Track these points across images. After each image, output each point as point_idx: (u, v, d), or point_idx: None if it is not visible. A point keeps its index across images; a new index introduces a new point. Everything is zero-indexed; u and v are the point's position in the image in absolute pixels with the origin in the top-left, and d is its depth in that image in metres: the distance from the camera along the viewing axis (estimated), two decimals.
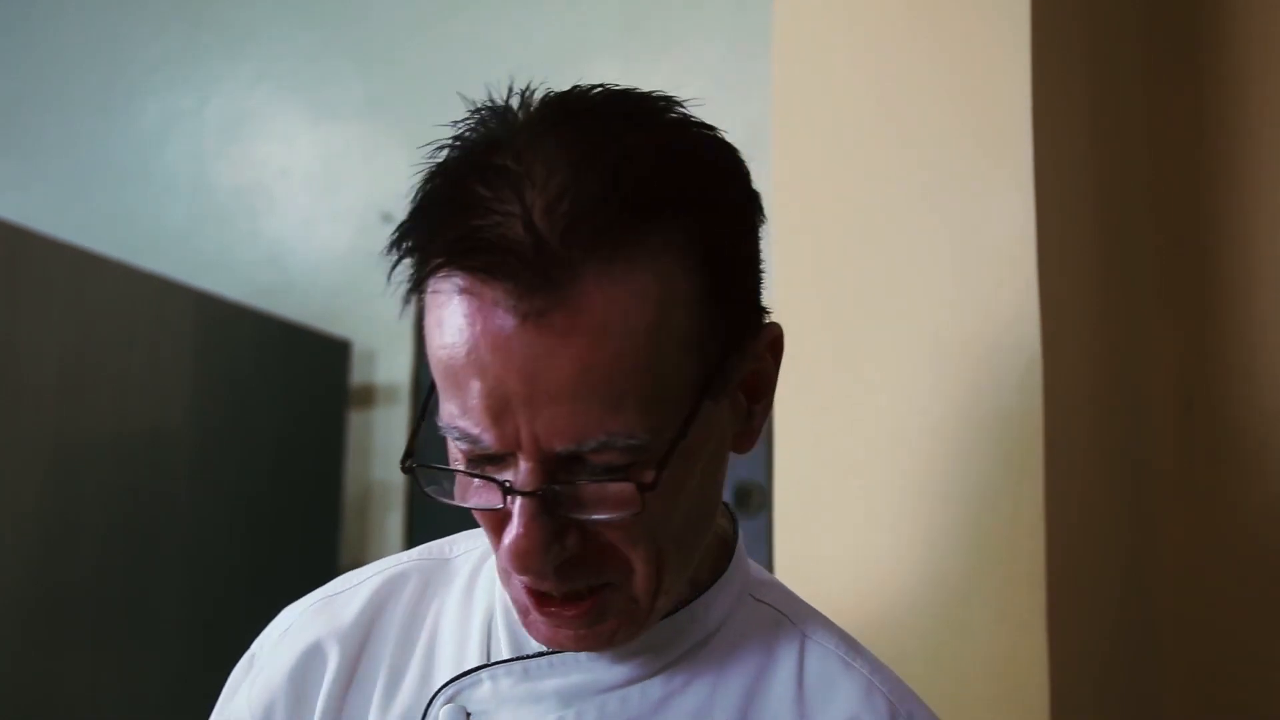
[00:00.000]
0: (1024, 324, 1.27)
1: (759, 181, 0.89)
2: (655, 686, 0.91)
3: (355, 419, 2.66)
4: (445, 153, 0.82)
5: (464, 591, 0.98)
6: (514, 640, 0.93)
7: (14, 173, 3.00)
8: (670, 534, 0.83)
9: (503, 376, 0.77)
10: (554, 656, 0.91)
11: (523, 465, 0.79)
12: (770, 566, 2.24)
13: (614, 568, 0.83)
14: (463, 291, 0.77)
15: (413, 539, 2.57)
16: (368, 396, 2.66)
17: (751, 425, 0.88)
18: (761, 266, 0.87)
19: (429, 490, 0.86)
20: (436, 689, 0.92)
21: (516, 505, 0.80)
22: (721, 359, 0.81)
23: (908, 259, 1.33)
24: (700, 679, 0.91)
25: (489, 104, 0.82)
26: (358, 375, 2.67)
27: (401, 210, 2.68)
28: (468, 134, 0.82)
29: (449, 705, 0.92)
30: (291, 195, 2.79)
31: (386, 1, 2.81)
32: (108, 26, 3.05)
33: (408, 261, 0.80)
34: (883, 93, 1.38)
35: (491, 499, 0.81)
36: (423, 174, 0.82)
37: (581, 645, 0.87)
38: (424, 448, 0.85)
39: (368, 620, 0.97)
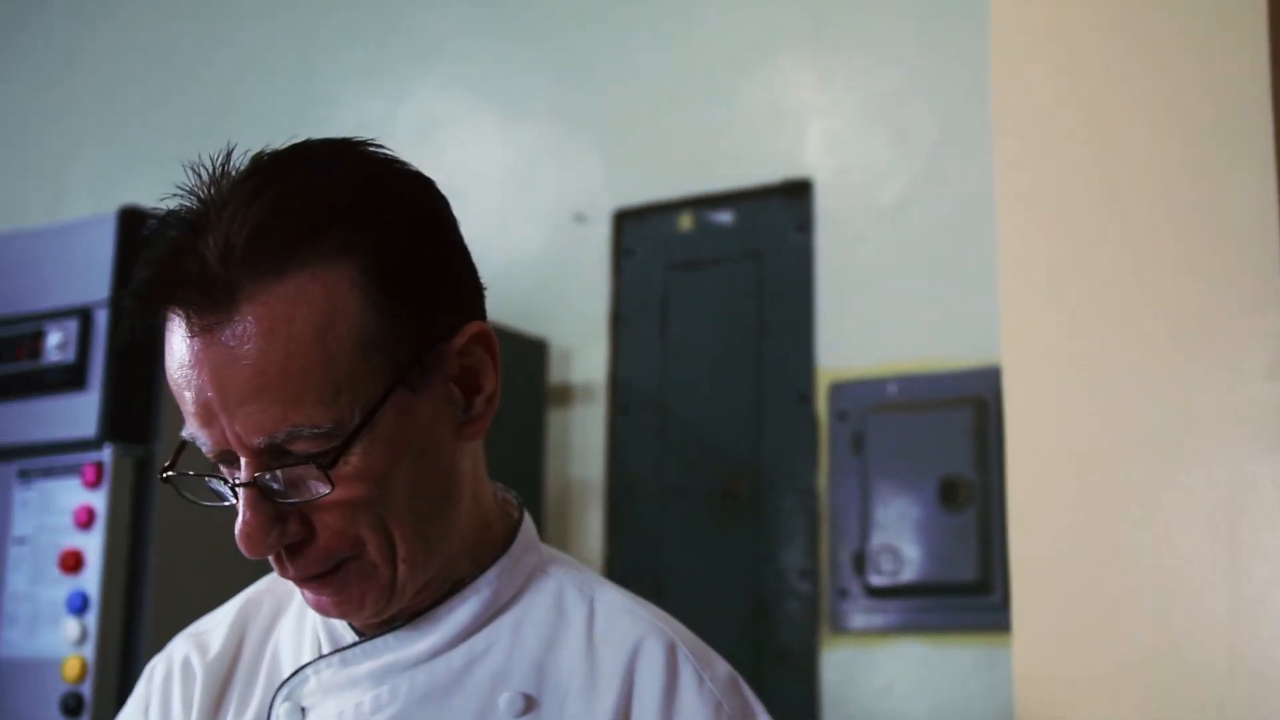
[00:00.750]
0: (1267, 312, 1.21)
1: (972, 179, 0.87)
2: (458, 655, 1.04)
3: (553, 418, 2.67)
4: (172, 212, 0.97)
5: (299, 608, 1.12)
6: (333, 638, 1.08)
7: None
8: (394, 515, 0.98)
9: (201, 387, 0.93)
10: (367, 644, 1.05)
11: (242, 461, 0.95)
12: (998, 562, 2.18)
13: (344, 546, 0.98)
14: (172, 322, 0.95)
15: (613, 536, 2.58)
16: (565, 395, 2.68)
17: (473, 415, 1.03)
18: (453, 275, 1.01)
19: (189, 497, 1.01)
20: (274, 692, 1.07)
21: (240, 496, 0.95)
22: (412, 357, 0.96)
23: (1146, 248, 1.28)
24: (499, 644, 1.05)
25: (206, 170, 0.97)
26: (554, 374, 2.68)
27: (594, 209, 2.68)
28: (187, 198, 0.97)
29: (286, 703, 1.06)
30: (484, 198, 2.82)
31: (575, 5, 2.82)
32: (301, 39, 3.12)
33: (136, 307, 0.96)
34: (1109, 81, 1.33)
35: (229, 496, 0.97)
36: (150, 229, 0.98)
37: (341, 611, 1.02)
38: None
39: (235, 637, 1.13)
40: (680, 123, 2.66)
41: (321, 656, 1.06)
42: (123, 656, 1.96)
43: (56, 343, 2.01)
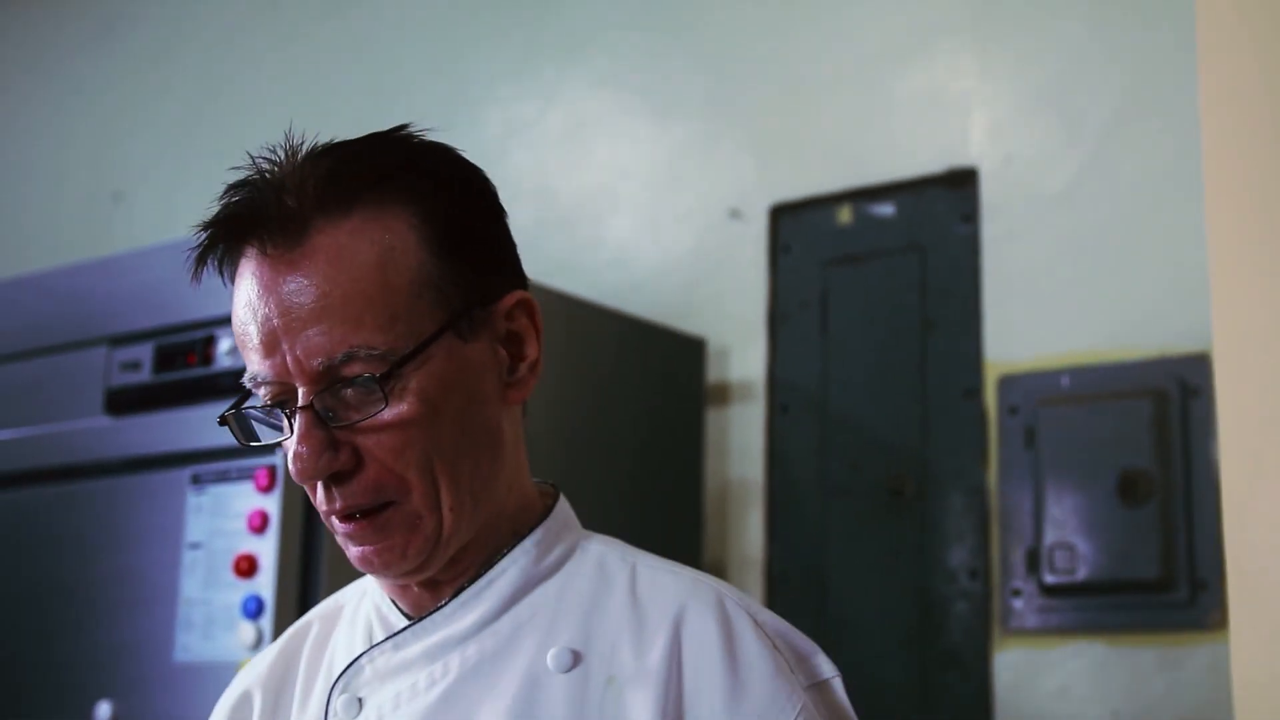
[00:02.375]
0: None
1: (1145, 163, 0.82)
2: (505, 624, 1.08)
3: (711, 417, 2.64)
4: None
5: (351, 614, 1.17)
6: (386, 627, 1.12)
7: None
8: (440, 453, 1.03)
9: (268, 315, 1.01)
10: (416, 625, 1.08)
11: (299, 391, 1.01)
12: (1183, 559, 2.11)
13: (391, 485, 1.03)
14: (242, 260, 1.04)
15: (774, 535, 2.54)
16: (723, 394, 2.64)
17: (516, 378, 1.10)
18: (504, 247, 1.11)
19: (249, 442, 1.08)
20: (330, 686, 1.10)
21: (295, 422, 1.01)
22: (465, 306, 1.05)
23: None
24: (543, 609, 1.09)
25: (271, 150, 1.07)
26: (712, 373, 2.65)
27: (749, 205, 2.64)
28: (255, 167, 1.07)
29: (344, 695, 1.09)
30: (635, 196, 2.80)
31: (725, 1, 2.79)
32: (449, 42, 3.13)
33: (213, 251, 1.05)
34: None
35: (286, 429, 1.03)
36: (222, 194, 1.06)
37: (384, 560, 1.05)
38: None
39: (283, 661, 1.18)
40: (837, 114, 2.62)
41: (375, 645, 1.10)
42: None
43: (227, 349, 2.03)
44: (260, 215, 1.03)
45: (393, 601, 1.13)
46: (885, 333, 2.50)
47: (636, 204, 2.79)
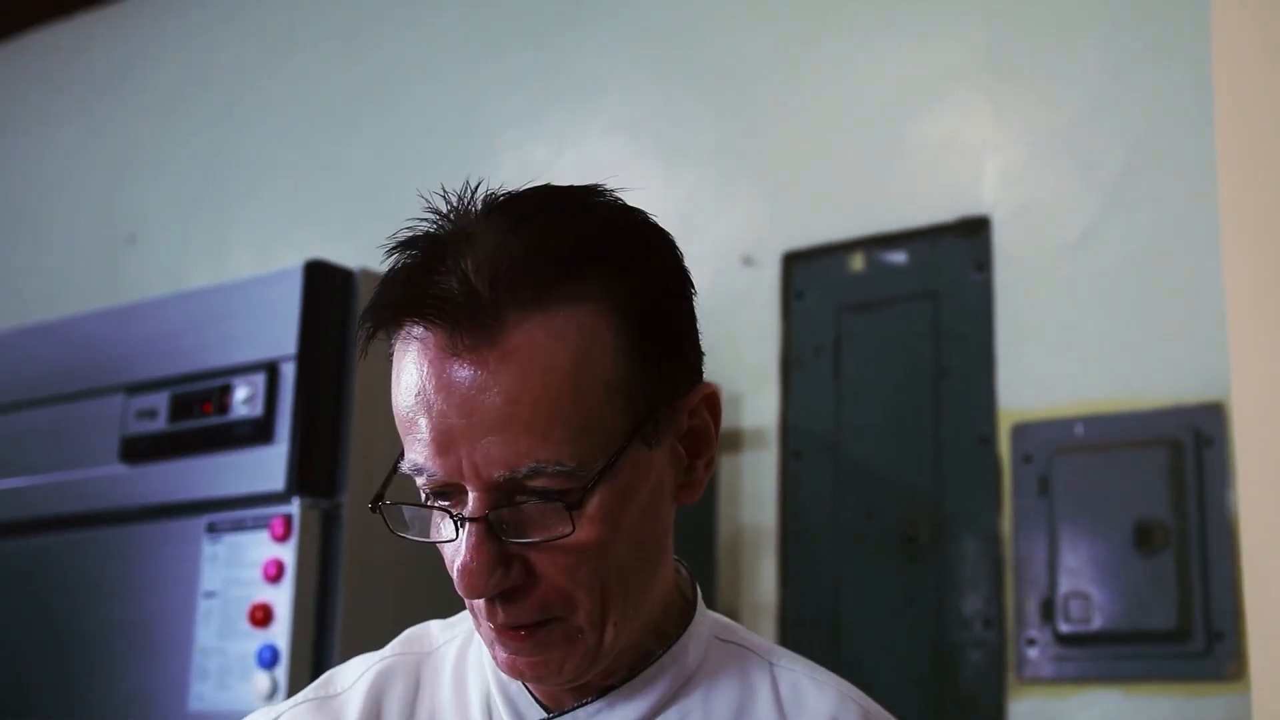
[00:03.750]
0: None
1: (1162, 209, 0.82)
2: None
3: (724, 463, 2.64)
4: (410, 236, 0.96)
5: (454, 678, 1.08)
6: (516, 713, 1.03)
7: (382, 233, 3.11)
8: (612, 570, 0.95)
9: (445, 411, 0.91)
10: (564, 718, 1.01)
11: (471, 496, 0.92)
12: (1199, 609, 2.10)
13: (558, 602, 0.95)
14: (414, 340, 0.92)
15: (787, 581, 2.53)
16: (736, 440, 2.64)
17: (694, 479, 1.01)
18: (692, 334, 1.02)
19: (397, 531, 0.98)
20: None
21: (465, 531, 0.92)
22: (651, 408, 0.95)
23: None
24: (692, 715, 1.03)
25: (447, 201, 0.96)
26: (725, 419, 2.65)
27: (762, 251, 2.65)
28: (428, 224, 0.96)
29: None
30: None
31: (738, 46, 2.80)
32: (464, 87, 3.15)
33: (378, 324, 0.94)
34: None
35: (448, 531, 0.94)
36: (391, 254, 0.95)
37: (536, 673, 0.97)
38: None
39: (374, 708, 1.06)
40: (849, 161, 2.62)
41: None
42: None
43: (244, 397, 2.03)
44: (445, 296, 0.91)
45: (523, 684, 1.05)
46: (899, 379, 2.50)
47: None
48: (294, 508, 1.98)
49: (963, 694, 2.34)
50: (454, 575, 0.94)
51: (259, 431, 2.01)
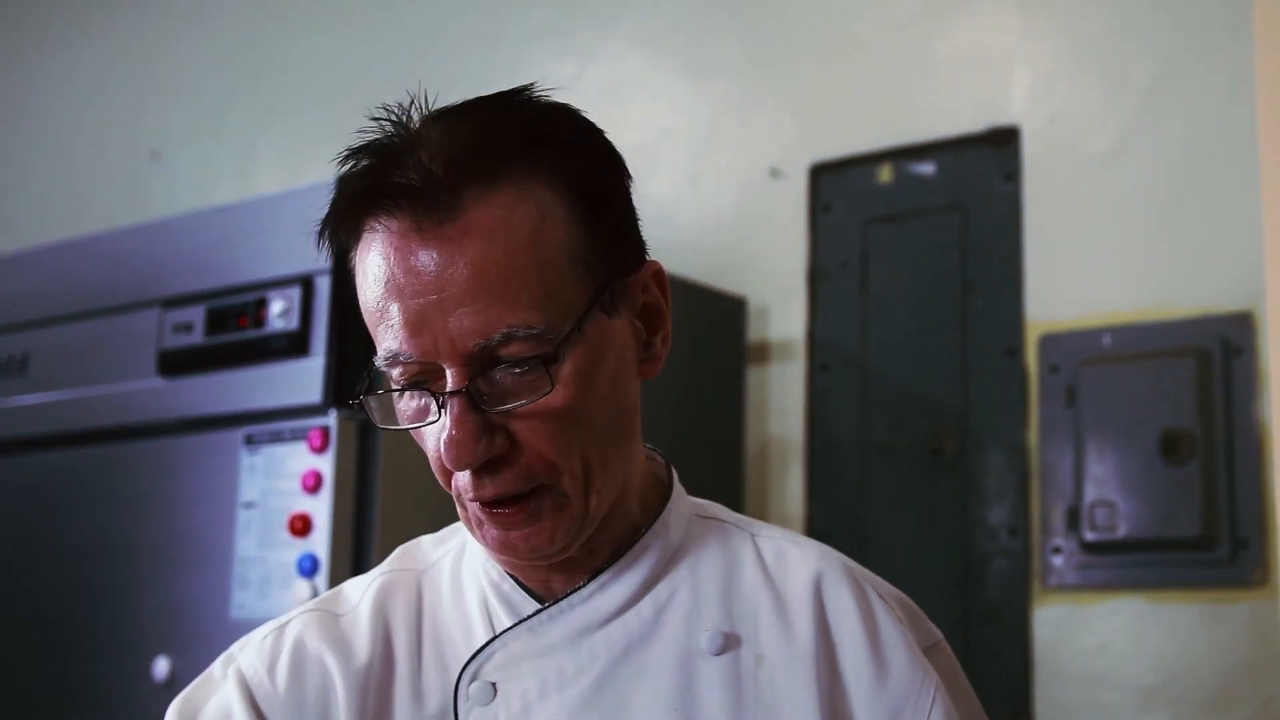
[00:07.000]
0: None
1: (1191, 123, 0.82)
2: (647, 605, 1.06)
3: (751, 376, 2.66)
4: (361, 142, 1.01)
5: (452, 591, 1.11)
6: (512, 609, 1.07)
7: None
8: (589, 438, 0.99)
9: (416, 291, 0.95)
10: (553, 608, 1.05)
11: (449, 373, 0.96)
12: (1224, 517, 2.13)
13: (543, 470, 0.99)
14: (378, 232, 0.97)
15: (814, 493, 2.56)
16: (763, 352, 2.66)
17: (653, 353, 1.07)
18: (635, 214, 1.06)
19: (384, 424, 1.03)
20: (458, 674, 1.04)
21: (447, 407, 0.96)
22: (608, 278, 1.00)
23: None
24: (681, 588, 1.07)
25: (389, 112, 1.01)
26: (752, 332, 2.66)
27: (789, 164, 2.64)
28: (375, 132, 1.01)
29: (475, 683, 1.04)
30: (675, 156, 2.81)
31: None
32: (490, 2, 3.13)
33: (340, 223, 1.00)
34: None
35: (430, 413, 0.98)
36: (342, 159, 1.01)
37: (529, 545, 1.00)
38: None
39: (379, 642, 1.08)
40: (878, 72, 2.62)
41: (507, 629, 1.06)
42: None
43: (279, 310, 2.05)
44: (406, 186, 0.96)
45: (515, 580, 1.09)
46: (926, 291, 2.51)
47: (676, 164, 2.80)
48: (331, 419, 2.00)
49: (989, 602, 2.37)
50: (440, 456, 0.98)
51: (295, 344, 2.03)
